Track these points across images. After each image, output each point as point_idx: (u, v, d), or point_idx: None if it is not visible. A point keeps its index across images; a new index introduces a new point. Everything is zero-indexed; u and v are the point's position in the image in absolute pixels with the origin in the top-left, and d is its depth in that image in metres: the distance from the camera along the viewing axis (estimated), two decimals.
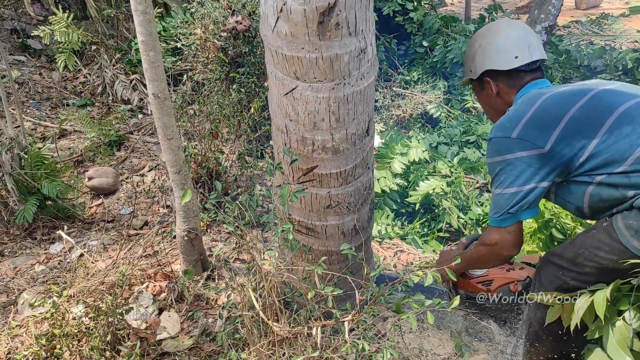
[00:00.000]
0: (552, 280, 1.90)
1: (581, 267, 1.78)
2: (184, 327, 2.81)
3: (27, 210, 3.70)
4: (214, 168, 3.81)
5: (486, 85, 2.14)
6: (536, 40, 2.05)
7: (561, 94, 1.86)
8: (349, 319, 1.79)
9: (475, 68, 2.14)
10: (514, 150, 1.82)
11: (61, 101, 6.36)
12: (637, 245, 1.62)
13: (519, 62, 2.01)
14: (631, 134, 1.66)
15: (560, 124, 1.76)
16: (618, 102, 1.75)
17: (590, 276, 1.77)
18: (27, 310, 2.93)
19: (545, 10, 6.94)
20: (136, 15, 2.33)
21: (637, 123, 1.67)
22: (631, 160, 1.64)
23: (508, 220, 1.88)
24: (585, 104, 1.77)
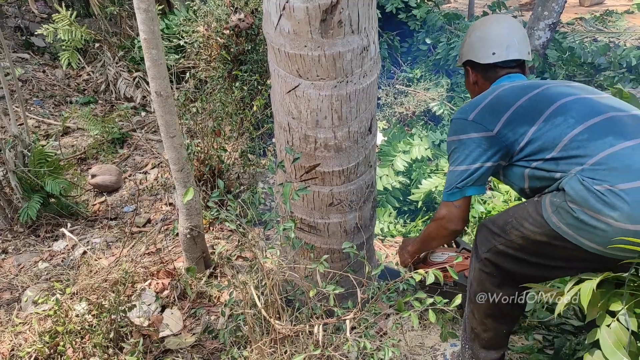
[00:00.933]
0: (484, 242, 2.03)
1: (508, 235, 1.92)
2: (186, 325, 2.82)
3: (31, 208, 3.72)
4: (216, 166, 3.81)
5: (467, 73, 2.33)
6: (519, 40, 2.19)
7: (518, 87, 2.03)
8: (350, 317, 1.79)
9: (462, 55, 2.34)
10: (467, 131, 2.00)
11: (64, 99, 6.38)
12: (555, 221, 1.76)
13: (495, 58, 2.18)
14: (562, 123, 1.81)
15: (508, 111, 1.93)
16: (561, 96, 1.91)
17: (514, 243, 1.91)
18: (31, 307, 2.94)
19: (548, 7, 6.92)
20: (139, 13, 2.33)
21: (568, 114, 1.82)
22: (560, 147, 1.79)
23: (456, 194, 2.04)
24: (533, 96, 1.94)
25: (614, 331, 1.65)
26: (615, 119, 1.79)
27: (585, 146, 1.75)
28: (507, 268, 1.98)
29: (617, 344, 1.62)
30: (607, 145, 1.72)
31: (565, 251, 1.79)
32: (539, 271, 1.95)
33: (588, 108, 1.84)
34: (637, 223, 1.60)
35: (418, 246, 2.39)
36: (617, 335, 1.64)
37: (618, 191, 1.62)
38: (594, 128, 1.77)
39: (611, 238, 1.64)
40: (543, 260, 1.90)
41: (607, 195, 1.63)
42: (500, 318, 2.11)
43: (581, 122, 1.79)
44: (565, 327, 2.56)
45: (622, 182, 1.63)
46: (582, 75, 7.08)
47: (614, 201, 1.62)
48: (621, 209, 1.61)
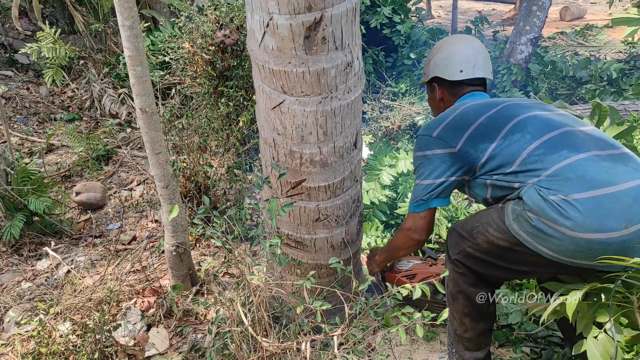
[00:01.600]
0: (454, 246, 2.13)
1: (475, 239, 2.03)
2: (172, 343, 2.79)
3: (14, 227, 3.67)
4: (202, 182, 3.79)
5: (434, 90, 2.39)
6: (484, 60, 2.31)
7: (479, 104, 2.13)
8: (337, 334, 1.78)
9: (428, 72, 2.41)
10: (432, 148, 2.09)
11: (49, 116, 6.33)
12: (515, 228, 1.86)
13: (462, 76, 2.27)
14: (520, 139, 1.91)
15: (470, 128, 2.02)
16: (518, 113, 2.01)
17: (481, 247, 2.01)
18: (14, 328, 2.89)
19: (530, 22, 7.03)
20: (123, 30, 2.33)
21: (526, 130, 1.92)
22: (518, 162, 1.89)
23: (421, 206, 2.13)
24: (493, 114, 2.04)
25: (601, 343, 1.66)
26: (569, 133, 1.90)
27: (541, 160, 1.84)
28: (476, 270, 2.08)
29: (605, 356, 1.63)
30: (562, 157, 1.82)
31: (525, 256, 1.89)
32: (505, 273, 2.07)
33: (543, 124, 1.94)
34: (589, 232, 1.69)
35: (385, 255, 2.51)
36: (604, 346, 1.66)
37: (572, 201, 1.71)
38: (549, 142, 1.87)
39: (566, 246, 1.73)
40: (507, 264, 2.00)
41: (562, 205, 1.72)
42: (478, 316, 2.18)
43: (537, 137, 1.90)
44: (552, 339, 2.57)
45: (576, 192, 1.73)
46: (564, 88, 7.19)
47: (568, 211, 1.71)
48: (574, 218, 1.70)
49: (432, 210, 2.16)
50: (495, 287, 2.19)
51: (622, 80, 6.98)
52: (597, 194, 1.72)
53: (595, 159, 1.80)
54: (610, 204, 1.70)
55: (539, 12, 6.98)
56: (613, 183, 1.73)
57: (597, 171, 1.77)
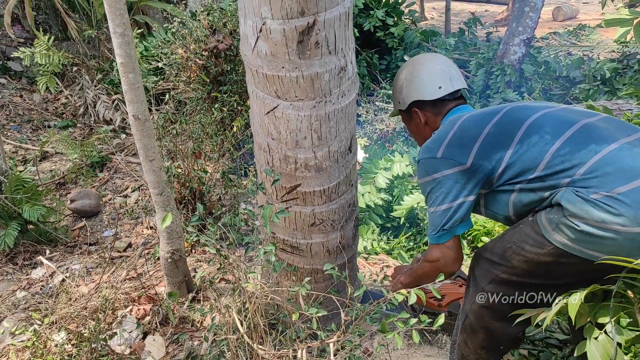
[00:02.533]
0: (485, 274, 1.99)
1: (509, 261, 1.88)
2: (169, 351, 2.77)
3: (8, 235, 3.64)
4: (197, 188, 3.78)
5: (414, 115, 2.27)
6: (456, 71, 2.24)
7: (477, 115, 2.02)
8: (334, 340, 1.77)
9: (404, 99, 2.27)
10: (440, 169, 1.95)
11: (42, 123, 6.31)
12: (558, 238, 1.72)
13: (443, 92, 2.17)
14: (539, 141, 1.79)
15: (477, 141, 1.90)
16: (527, 115, 1.89)
17: (518, 269, 1.86)
18: (8, 338, 2.87)
19: (523, 23, 7.05)
20: (115, 37, 2.32)
21: (543, 131, 1.81)
22: (542, 165, 1.77)
23: (445, 236, 1.99)
24: (498, 121, 1.92)
25: (601, 344, 1.65)
26: (590, 126, 1.79)
27: (570, 159, 1.73)
28: (508, 298, 1.93)
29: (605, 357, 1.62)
30: (592, 153, 1.70)
31: (572, 267, 1.76)
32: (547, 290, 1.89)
33: (559, 121, 1.84)
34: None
35: (411, 281, 2.30)
36: (604, 348, 1.65)
37: (617, 196, 1.60)
38: (573, 139, 1.76)
39: (622, 244, 1.61)
40: (550, 280, 1.85)
41: (607, 202, 1.61)
42: (497, 349, 2.07)
43: (558, 136, 1.78)
44: (550, 340, 2.56)
45: (619, 186, 1.61)
46: (558, 88, 7.20)
47: (616, 206, 1.59)
48: (625, 213, 1.58)
49: (458, 238, 2.02)
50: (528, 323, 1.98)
51: (616, 80, 7.00)
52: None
53: (627, 147, 1.70)
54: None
55: (531, 12, 7.00)
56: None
57: (633, 159, 1.66)
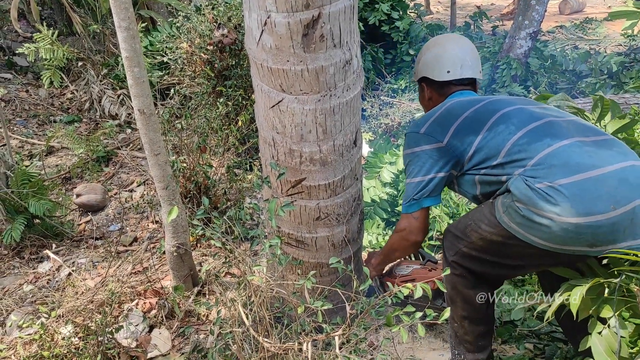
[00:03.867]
0: (450, 247, 2.13)
1: (469, 237, 2.03)
2: (175, 344, 2.78)
3: (15, 230, 3.66)
4: (202, 182, 3.78)
5: (422, 89, 2.44)
6: (472, 60, 2.32)
7: (465, 101, 2.18)
8: (339, 334, 1.77)
9: (417, 72, 2.44)
10: (420, 144, 2.11)
11: (48, 118, 6.32)
12: (506, 220, 1.85)
13: (450, 76, 2.30)
14: (504, 131, 1.94)
15: (456, 122, 2.07)
16: (502, 107, 2.05)
17: (476, 245, 2.01)
18: (15, 331, 2.88)
19: (529, 17, 7.00)
20: (120, 31, 2.32)
21: (510, 122, 1.96)
22: (503, 153, 1.91)
23: (413, 206, 2.13)
24: (479, 108, 2.08)
25: (605, 338, 1.65)
26: (552, 123, 1.93)
27: (525, 149, 1.86)
28: (474, 269, 2.08)
29: (609, 351, 1.62)
30: (545, 145, 1.84)
31: (519, 249, 1.88)
32: (502, 270, 2.06)
33: (527, 115, 1.98)
34: (576, 216, 1.68)
35: (381, 258, 2.48)
36: (608, 342, 1.65)
37: (558, 187, 1.72)
38: (533, 132, 1.90)
39: (556, 232, 1.72)
40: (502, 259, 2.00)
41: (548, 192, 1.73)
42: (476, 319, 2.17)
43: (521, 128, 1.92)
44: (555, 334, 2.56)
45: (561, 178, 1.74)
46: (564, 82, 7.16)
47: (555, 197, 1.71)
48: (561, 203, 1.70)
49: (426, 210, 2.15)
50: (494, 287, 2.17)
51: (623, 74, 6.95)
52: (582, 178, 1.73)
53: (578, 144, 1.82)
54: (596, 187, 1.71)
55: (537, 6, 6.95)
56: (597, 166, 1.74)
57: (580, 156, 1.78)
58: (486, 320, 2.20)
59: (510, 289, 2.82)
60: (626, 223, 1.69)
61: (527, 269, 2.08)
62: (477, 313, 2.15)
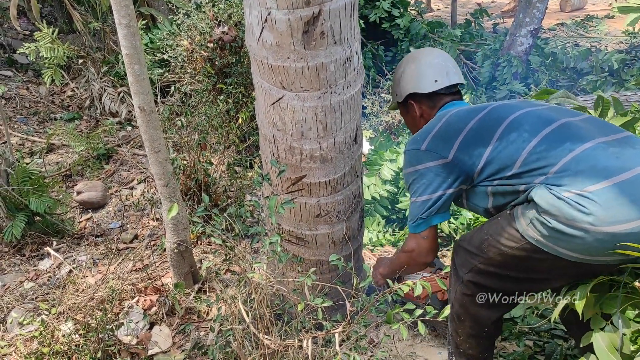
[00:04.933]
0: (464, 264, 2.01)
1: (485, 253, 1.90)
2: (175, 342, 2.79)
3: (15, 227, 3.67)
4: (203, 179, 3.78)
5: (410, 108, 2.30)
6: (454, 66, 2.26)
7: (464, 111, 2.05)
8: (339, 331, 1.77)
9: (401, 91, 2.30)
10: (423, 161, 1.99)
11: (49, 115, 6.32)
12: (531, 234, 1.73)
13: (438, 85, 2.19)
14: (517, 139, 1.81)
15: (460, 136, 1.93)
16: (508, 113, 1.92)
17: (494, 261, 1.88)
18: (16, 328, 2.89)
19: (530, 14, 7.00)
20: (120, 28, 2.32)
21: (522, 129, 1.83)
22: (519, 162, 1.78)
23: (421, 225, 2.02)
24: (482, 117, 1.95)
25: (607, 335, 1.65)
26: (569, 125, 1.80)
27: (545, 157, 1.74)
28: (490, 286, 1.95)
29: (611, 348, 1.62)
30: (566, 151, 1.71)
31: (545, 263, 1.76)
32: (523, 285, 1.92)
33: (539, 119, 1.85)
34: (612, 224, 1.57)
35: (389, 271, 2.35)
36: (611, 338, 1.64)
37: (587, 194, 1.60)
38: (550, 137, 1.77)
39: (590, 244, 1.60)
40: (525, 274, 1.87)
41: (578, 201, 1.61)
42: (484, 337, 2.10)
43: (535, 134, 1.79)
44: (555, 332, 2.56)
45: (590, 185, 1.61)
46: (565, 80, 7.16)
47: (586, 205, 1.59)
48: (595, 212, 1.58)
49: (434, 228, 2.04)
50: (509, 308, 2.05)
51: (624, 71, 6.95)
52: (613, 183, 1.60)
53: (603, 146, 1.70)
54: (629, 191, 1.58)
55: (538, 3, 6.95)
56: (627, 168, 1.62)
57: (607, 159, 1.66)
58: (494, 335, 2.12)
59: None
60: None
61: (551, 282, 1.90)
62: (486, 332, 2.07)
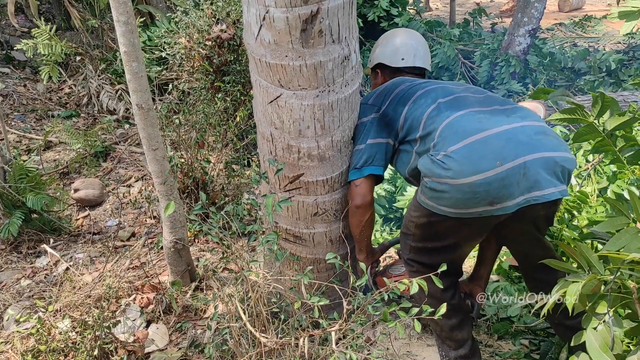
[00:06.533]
0: (404, 246, 2.20)
1: (409, 230, 2.11)
2: (172, 339, 2.78)
3: (12, 224, 3.66)
4: (200, 178, 3.78)
5: (377, 75, 2.57)
6: (424, 52, 2.52)
7: (408, 79, 2.33)
8: (335, 329, 1.78)
9: (372, 60, 2.59)
10: (366, 114, 2.27)
11: (46, 113, 6.30)
12: (423, 198, 1.96)
13: (403, 63, 2.47)
14: (423, 104, 2.08)
15: (392, 94, 2.23)
16: (429, 85, 2.19)
17: (416, 235, 2.09)
18: (13, 326, 2.88)
19: (528, 14, 7.01)
20: (118, 26, 2.32)
21: (429, 96, 2.10)
22: (422, 125, 2.04)
23: (354, 174, 2.23)
24: (412, 84, 2.24)
25: (600, 334, 1.66)
26: (460, 98, 2.07)
27: (434, 122, 2.00)
28: (426, 262, 2.10)
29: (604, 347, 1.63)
30: (444, 118, 1.97)
31: (442, 225, 1.97)
32: (444, 254, 2.08)
33: (443, 91, 2.12)
34: (466, 176, 1.80)
35: (354, 231, 2.41)
36: (603, 337, 1.65)
37: (449, 154, 1.85)
38: (441, 106, 2.03)
39: (454, 196, 1.84)
40: (437, 241, 2.06)
41: (442, 160, 1.85)
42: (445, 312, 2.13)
43: (434, 101, 2.07)
44: (550, 330, 2.56)
45: (451, 145, 1.87)
46: (563, 79, 7.17)
47: (448, 163, 1.84)
48: (453, 167, 1.82)
49: (367, 179, 2.22)
50: (452, 276, 2.18)
51: (621, 71, 6.96)
52: (468, 142, 1.85)
53: (472, 113, 1.96)
54: (481, 148, 1.83)
55: (537, 3, 6.96)
56: (484, 129, 1.87)
57: (469, 123, 1.91)
58: (455, 310, 2.20)
59: (507, 286, 2.82)
60: (518, 177, 1.79)
61: (463, 246, 2.12)
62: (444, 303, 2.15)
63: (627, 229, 1.79)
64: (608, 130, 2.23)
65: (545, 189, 1.83)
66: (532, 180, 1.81)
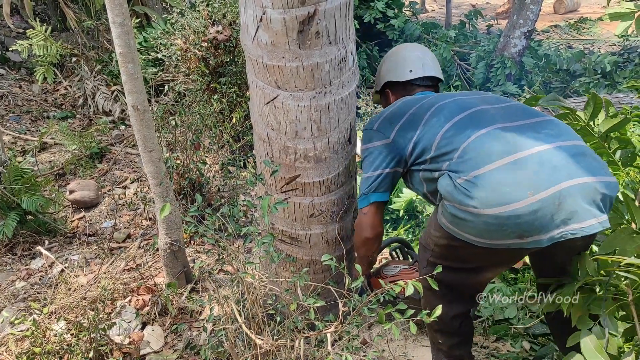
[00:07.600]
0: (422, 259, 2.08)
1: (429, 246, 1.98)
2: (168, 341, 2.78)
3: (7, 226, 3.64)
4: (196, 179, 3.77)
5: (387, 96, 2.42)
6: (432, 61, 2.37)
7: (417, 97, 2.17)
8: (331, 331, 1.77)
9: (379, 82, 2.45)
10: (372, 140, 2.12)
11: (41, 114, 6.28)
12: (444, 221, 1.81)
13: (412, 75, 2.31)
14: (435, 124, 1.92)
15: (402, 119, 2.06)
16: (439, 100, 2.02)
17: (435, 252, 1.95)
18: (7, 328, 2.87)
19: (524, 16, 7.03)
20: (114, 27, 2.31)
21: (441, 115, 1.93)
22: (434, 146, 1.88)
23: (362, 202, 2.13)
24: (422, 104, 2.06)
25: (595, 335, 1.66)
26: (479, 112, 1.89)
27: (451, 142, 1.82)
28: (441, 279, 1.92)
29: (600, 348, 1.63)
30: (465, 137, 1.79)
31: (464, 250, 1.81)
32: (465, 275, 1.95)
33: (458, 106, 1.94)
34: (493, 207, 1.62)
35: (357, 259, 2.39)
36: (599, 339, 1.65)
37: (472, 179, 1.67)
38: (459, 123, 1.86)
39: (478, 226, 1.67)
40: (459, 263, 1.92)
41: (465, 186, 1.68)
42: (447, 333, 2.12)
43: (449, 119, 1.89)
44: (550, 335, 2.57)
45: (474, 170, 1.69)
46: (558, 81, 7.19)
47: (470, 190, 1.66)
48: (477, 196, 1.64)
49: (375, 206, 2.11)
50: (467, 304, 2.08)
51: (616, 73, 6.99)
52: (494, 167, 1.66)
53: (497, 132, 1.76)
54: (509, 174, 1.64)
55: (532, 5, 6.98)
56: (512, 152, 1.68)
57: (494, 144, 1.72)
58: (460, 334, 2.13)
59: (502, 287, 2.83)
60: (552, 209, 1.59)
61: (486, 272, 1.95)
62: (449, 328, 2.09)
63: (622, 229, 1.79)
64: (602, 132, 2.23)
65: (584, 220, 1.62)
66: (569, 211, 1.61)
